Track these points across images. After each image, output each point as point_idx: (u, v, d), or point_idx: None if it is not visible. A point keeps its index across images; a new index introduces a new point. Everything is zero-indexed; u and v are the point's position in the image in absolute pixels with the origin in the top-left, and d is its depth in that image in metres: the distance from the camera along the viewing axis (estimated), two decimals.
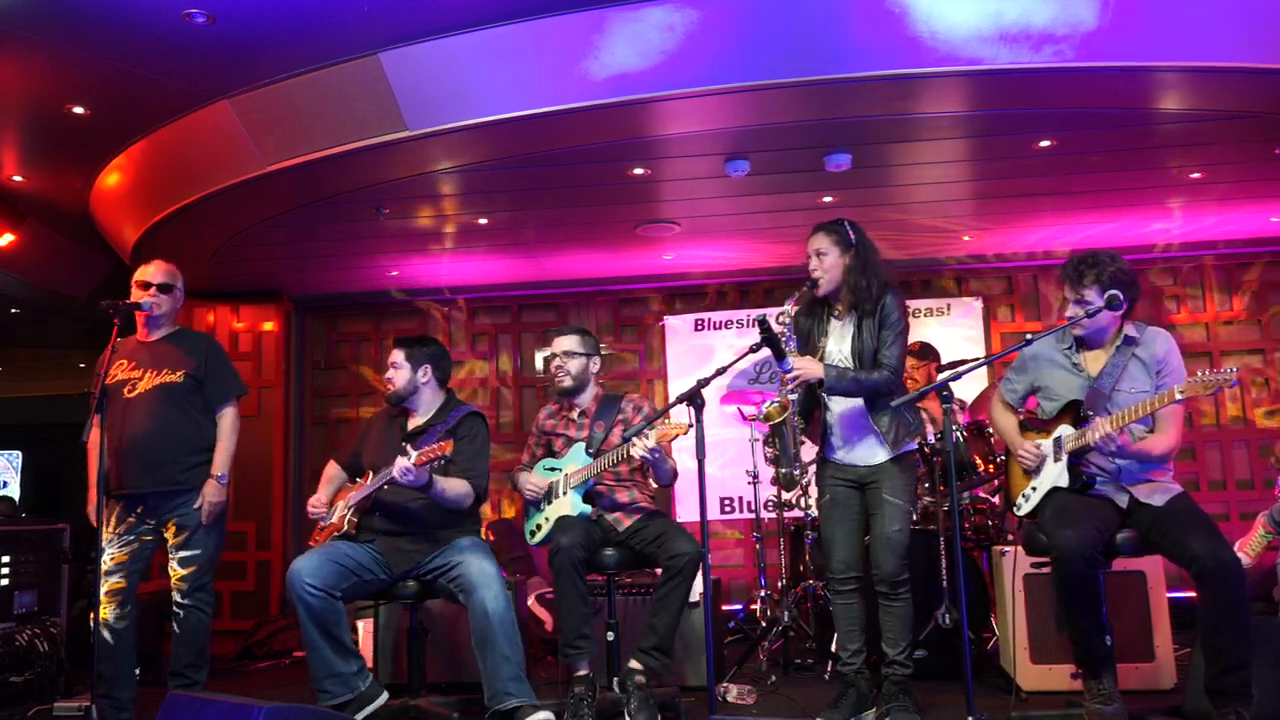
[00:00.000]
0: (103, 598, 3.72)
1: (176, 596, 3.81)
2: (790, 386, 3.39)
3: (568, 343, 3.93)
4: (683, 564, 3.55)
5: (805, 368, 3.37)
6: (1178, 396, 3.03)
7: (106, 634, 3.71)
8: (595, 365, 3.97)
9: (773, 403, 3.43)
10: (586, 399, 3.97)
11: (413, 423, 3.84)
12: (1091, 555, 3.08)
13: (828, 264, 3.46)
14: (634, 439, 3.50)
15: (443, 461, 3.44)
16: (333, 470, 3.99)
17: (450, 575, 3.56)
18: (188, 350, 3.94)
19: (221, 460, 3.87)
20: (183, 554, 3.79)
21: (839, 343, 3.49)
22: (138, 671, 5.00)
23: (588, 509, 3.75)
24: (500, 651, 3.41)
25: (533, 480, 3.89)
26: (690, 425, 3.31)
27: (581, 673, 3.59)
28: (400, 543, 3.62)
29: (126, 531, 3.80)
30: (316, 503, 3.82)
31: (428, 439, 3.67)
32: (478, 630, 3.44)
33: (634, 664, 3.58)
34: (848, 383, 3.36)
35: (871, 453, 3.44)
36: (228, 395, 3.96)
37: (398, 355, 3.85)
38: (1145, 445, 3.24)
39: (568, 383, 3.92)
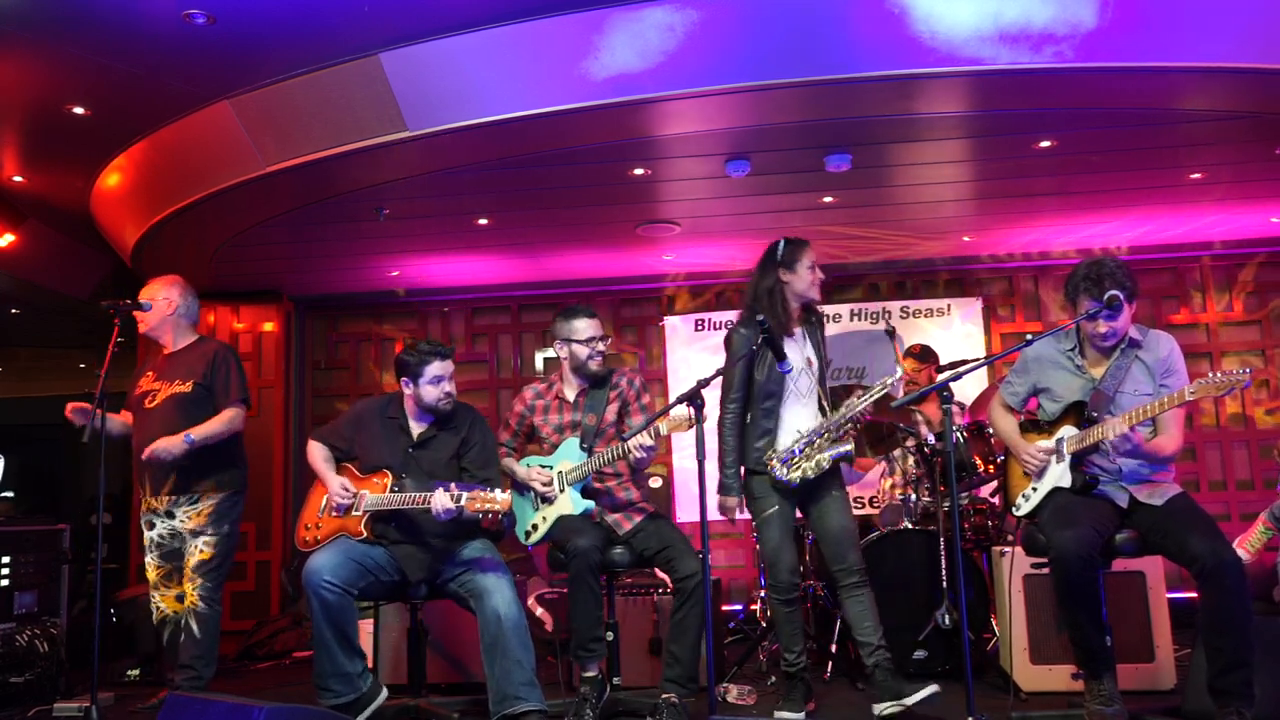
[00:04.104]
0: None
1: (192, 596, 3.99)
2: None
3: (599, 325, 3.88)
4: (693, 586, 3.50)
5: None
6: (1188, 397, 3.01)
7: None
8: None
9: None
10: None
11: (416, 427, 3.75)
12: (1089, 555, 3.08)
13: None
14: (633, 439, 3.45)
15: (497, 517, 3.44)
16: (324, 452, 3.81)
17: (461, 580, 3.55)
18: (197, 359, 4.11)
19: (200, 431, 3.97)
20: (199, 554, 4.02)
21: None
22: (137, 671, 5.03)
23: (590, 504, 3.70)
24: (513, 656, 3.39)
25: (537, 472, 3.81)
26: (691, 422, 3.20)
27: (590, 674, 3.59)
28: (415, 551, 3.59)
29: (157, 540, 4.09)
30: (344, 491, 3.65)
31: (438, 446, 3.69)
32: (488, 635, 3.43)
33: (666, 695, 3.50)
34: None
35: None
36: (230, 400, 4.08)
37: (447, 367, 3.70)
38: (1156, 445, 3.25)
39: (600, 364, 3.87)
